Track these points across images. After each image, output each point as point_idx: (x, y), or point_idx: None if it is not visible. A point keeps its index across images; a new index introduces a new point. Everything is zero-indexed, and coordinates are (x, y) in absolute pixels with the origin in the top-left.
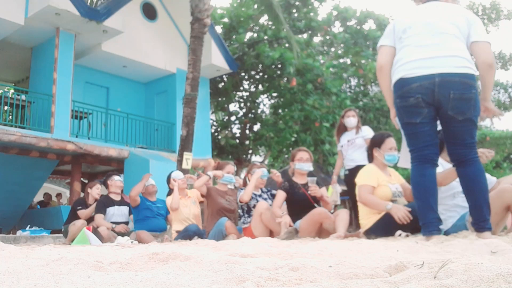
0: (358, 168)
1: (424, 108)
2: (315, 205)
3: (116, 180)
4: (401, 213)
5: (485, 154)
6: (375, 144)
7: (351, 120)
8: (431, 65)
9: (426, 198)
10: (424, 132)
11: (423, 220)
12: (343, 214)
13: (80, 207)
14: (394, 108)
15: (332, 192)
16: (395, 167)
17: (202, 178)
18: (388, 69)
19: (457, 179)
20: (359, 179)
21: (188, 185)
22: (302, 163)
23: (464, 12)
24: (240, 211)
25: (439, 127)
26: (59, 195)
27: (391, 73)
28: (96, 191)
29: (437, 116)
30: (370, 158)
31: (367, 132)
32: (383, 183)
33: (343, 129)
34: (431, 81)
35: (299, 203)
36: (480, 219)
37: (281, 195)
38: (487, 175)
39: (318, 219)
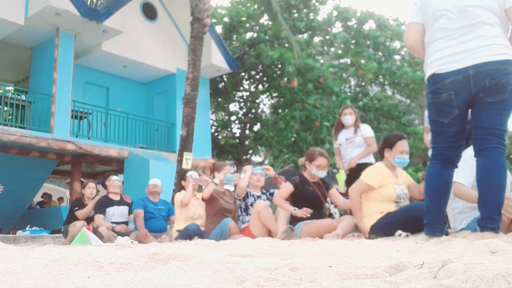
0: (358, 166)
1: (455, 108)
2: (325, 203)
3: (114, 180)
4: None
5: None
6: (387, 144)
7: (348, 117)
8: (464, 58)
9: (437, 198)
10: (451, 133)
11: (428, 219)
12: (348, 220)
13: (77, 208)
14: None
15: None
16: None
17: (210, 187)
18: (420, 47)
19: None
20: (363, 174)
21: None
22: (321, 171)
23: None
24: (238, 210)
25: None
26: (60, 199)
27: (423, 66)
28: (88, 190)
29: (470, 107)
30: (381, 157)
31: (366, 131)
32: (389, 184)
33: (340, 127)
34: (465, 75)
35: (308, 200)
36: (484, 216)
37: (287, 187)
38: None
39: (324, 232)
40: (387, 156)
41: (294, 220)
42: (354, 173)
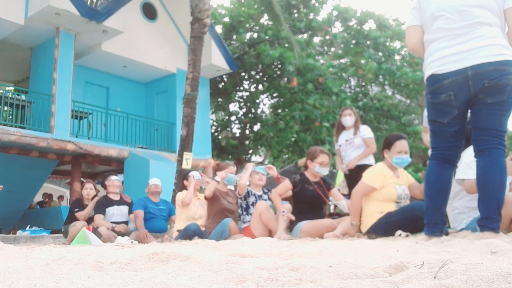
0: (358, 168)
1: (454, 109)
2: (328, 202)
3: (114, 180)
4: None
5: None
6: (385, 145)
7: (347, 119)
8: (463, 58)
9: (436, 198)
10: (450, 133)
11: (428, 219)
12: (348, 220)
13: (77, 209)
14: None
15: (342, 181)
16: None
17: (212, 185)
18: (421, 48)
19: None
20: (365, 176)
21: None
22: (323, 168)
23: None
24: (239, 209)
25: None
26: (60, 197)
27: (423, 66)
28: (85, 191)
29: (470, 107)
30: (383, 157)
31: (366, 132)
32: (390, 184)
33: (341, 128)
34: (464, 75)
35: (309, 200)
36: (483, 216)
37: (286, 184)
38: None
39: (324, 232)
40: (386, 157)
41: (295, 219)
42: (354, 174)
